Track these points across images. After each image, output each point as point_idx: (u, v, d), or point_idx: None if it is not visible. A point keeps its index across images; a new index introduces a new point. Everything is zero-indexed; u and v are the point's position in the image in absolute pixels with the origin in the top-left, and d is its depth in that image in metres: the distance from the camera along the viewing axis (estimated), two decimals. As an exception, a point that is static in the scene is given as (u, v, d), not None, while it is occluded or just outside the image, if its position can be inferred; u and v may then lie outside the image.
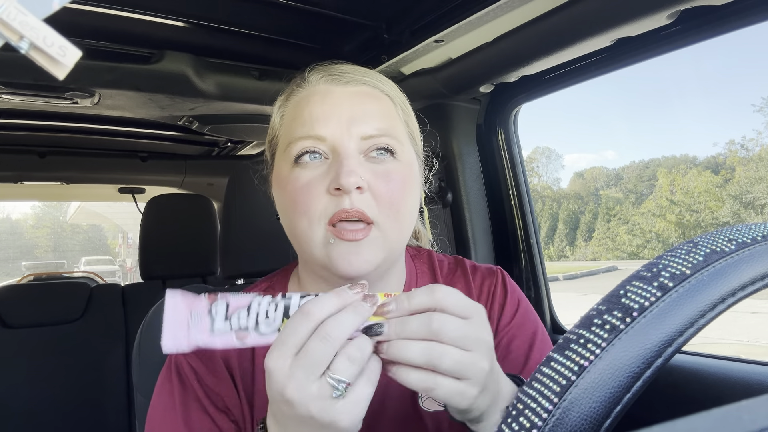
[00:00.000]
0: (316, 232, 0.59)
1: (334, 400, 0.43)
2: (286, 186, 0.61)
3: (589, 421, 0.27)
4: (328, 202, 0.58)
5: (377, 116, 0.62)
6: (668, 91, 52.85)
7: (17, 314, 1.80)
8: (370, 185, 0.59)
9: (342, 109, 0.61)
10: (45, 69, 0.28)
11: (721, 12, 0.88)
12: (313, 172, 0.59)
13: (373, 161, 0.61)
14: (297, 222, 0.60)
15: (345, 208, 0.57)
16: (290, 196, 0.60)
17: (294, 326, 0.44)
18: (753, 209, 22.28)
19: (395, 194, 0.60)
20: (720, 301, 0.29)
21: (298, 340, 0.44)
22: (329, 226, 0.58)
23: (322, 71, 0.66)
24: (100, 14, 1.07)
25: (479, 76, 1.22)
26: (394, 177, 0.61)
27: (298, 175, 0.60)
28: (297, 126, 0.62)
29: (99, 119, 1.71)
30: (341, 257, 0.57)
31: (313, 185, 0.59)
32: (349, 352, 0.44)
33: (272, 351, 0.44)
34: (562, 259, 29.17)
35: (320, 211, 0.58)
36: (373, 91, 0.65)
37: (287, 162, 0.62)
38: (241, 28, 1.20)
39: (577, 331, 0.30)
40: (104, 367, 1.84)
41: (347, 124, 0.60)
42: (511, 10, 0.95)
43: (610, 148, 60.36)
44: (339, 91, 0.63)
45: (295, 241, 0.64)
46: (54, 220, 42.02)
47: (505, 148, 1.40)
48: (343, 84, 0.64)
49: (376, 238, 0.59)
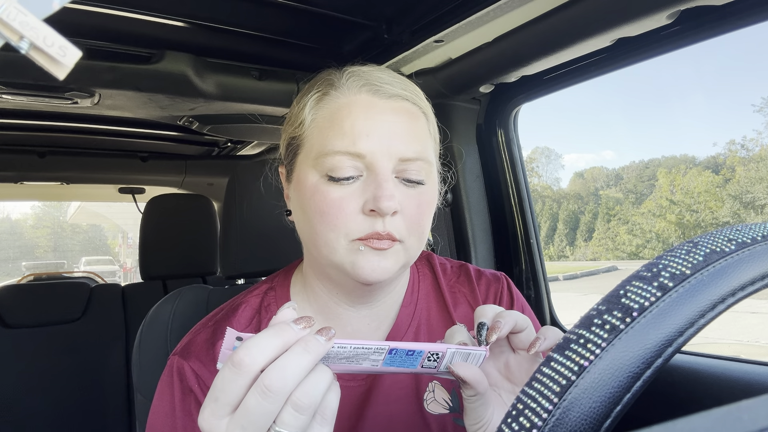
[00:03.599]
0: (342, 242, 0.59)
1: None
2: (314, 196, 0.60)
3: (589, 421, 0.27)
4: (362, 221, 0.58)
5: (415, 138, 0.62)
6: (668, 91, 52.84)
7: (17, 314, 1.80)
8: (402, 208, 0.59)
9: (383, 126, 0.60)
10: (45, 69, 0.28)
11: (721, 12, 0.87)
12: (347, 189, 0.59)
13: (406, 185, 0.61)
14: (322, 231, 0.59)
15: (378, 230, 0.57)
16: (318, 208, 0.59)
17: (224, 381, 0.37)
18: (753, 209, 22.29)
19: (423, 217, 0.62)
20: (720, 301, 0.29)
21: (231, 398, 0.37)
22: (356, 240, 0.58)
23: (362, 78, 0.63)
24: (100, 14, 1.07)
25: (479, 76, 1.22)
26: (423, 201, 0.62)
27: (329, 189, 0.59)
28: (335, 137, 0.59)
29: (99, 119, 1.71)
30: (366, 265, 0.58)
31: (346, 202, 0.58)
32: (297, 400, 0.37)
33: (204, 408, 0.38)
34: (562, 259, 29.16)
35: (352, 228, 0.58)
36: (412, 108, 0.64)
37: (317, 172, 0.60)
38: (241, 28, 1.20)
39: (577, 331, 0.30)
40: (104, 367, 1.84)
41: (387, 143, 0.59)
42: (511, 10, 0.95)
43: (608, 148, 60.37)
44: (381, 105, 0.61)
45: (312, 244, 0.63)
46: (54, 220, 42.02)
47: (505, 148, 1.40)
48: (386, 98, 0.62)
49: (398, 251, 0.60)
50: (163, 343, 0.93)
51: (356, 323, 0.69)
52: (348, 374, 0.66)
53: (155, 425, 0.63)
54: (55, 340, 1.81)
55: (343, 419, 0.64)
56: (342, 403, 0.65)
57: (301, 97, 0.67)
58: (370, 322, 0.70)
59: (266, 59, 1.34)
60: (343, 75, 0.64)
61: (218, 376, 0.38)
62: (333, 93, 0.63)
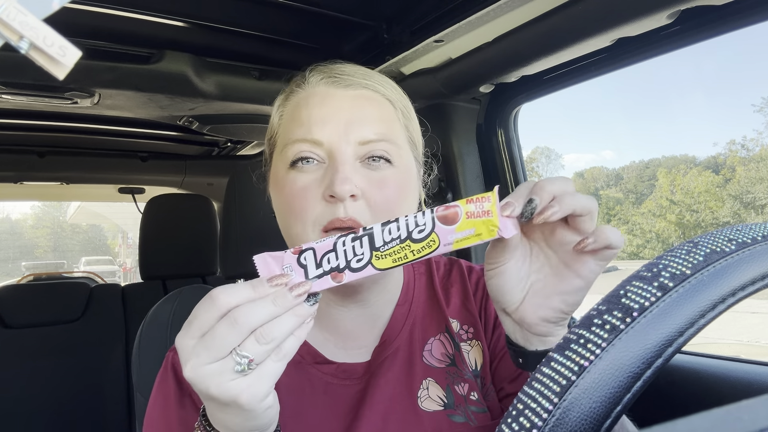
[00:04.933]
0: (311, 235, 0.59)
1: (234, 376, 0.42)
2: (283, 188, 0.62)
3: (589, 421, 0.27)
4: (323, 209, 0.58)
5: (376, 121, 0.62)
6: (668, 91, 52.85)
7: (17, 314, 1.80)
8: (365, 192, 0.59)
9: (340, 113, 0.61)
10: (45, 69, 0.28)
11: (721, 12, 0.87)
12: (309, 177, 0.60)
13: (369, 167, 0.61)
14: (292, 224, 0.61)
15: (339, 216, 0.57)
16: (286, 199, 0.61)
17: (200, 311, 0.44)
18: (753, 209, 22.30)
19: (390, 201, 0.60)
20: (720, 301, 0.29)
21: (203, 324, 0.43)
22: (323, 232, 0.58)
23: (323, 72, 0.66)
24: (100, 14, 1.07)
25: (479, 76, 1.22)
26: (390, 184, 0.61)
27: (294, 178, 0.60)
28: (295, 127, 0.62)
29: (99, 119, 1.71)
30: None
31: (309, 190, 0.59)
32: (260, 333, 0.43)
33: (182, 330, 0.44)
34: (562, 259, 29.09)
35: (315, 218, 0.59)
36: (373, 95, 0.65)
37: (284, 163, 0.62)
38: (241, 28, 1.20)
39: (577, 331, 0.30)
40: (104, 367, 1.84)
41: (345, 129, 0.60)
42: (511, 10, 0.95)
43: (608, 148, 60.40)
44: (339, 94, 0.63)
45: (289, 241, 0.64)
46: (54, 220, 42.03)
47: (505, 148, 1.40)
48: (343, 87, 0.64)
49: None
50: (163, 343, 0.93)
51: (349, 323, 0.69)
52: (344, 374, 0.66)
53: (152, 418, 0.63)
54: (55, 340, 1.81)
55: (339, 417, 0.64)
56: (338, 401, 0.65)
57: (275, 104, 0.70)
58: (363, 322, 0.69)
59: (266, 59, 1.34)
60: (306, 72, 0.67)
61: (196, 306, 0.44)
62: (296, 90, 0.66)
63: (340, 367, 0.67)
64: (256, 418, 0.45)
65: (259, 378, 0.43)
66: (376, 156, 0.61)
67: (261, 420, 0.45)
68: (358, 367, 0.67)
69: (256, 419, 0.45)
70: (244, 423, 0.45)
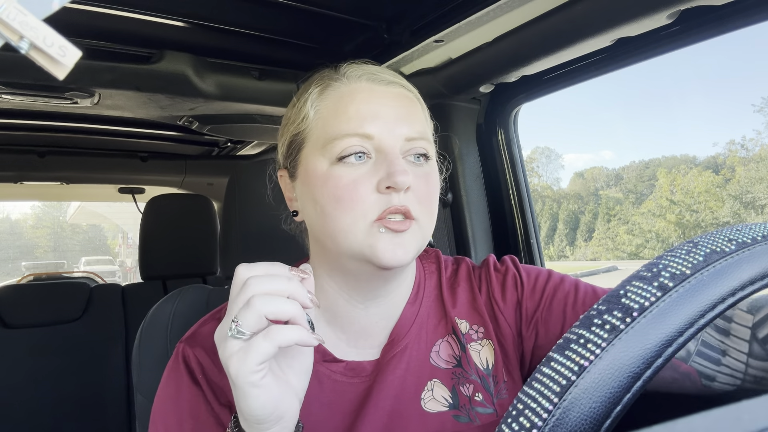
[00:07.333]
0: (360, 226, 0.60)
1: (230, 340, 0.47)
2: (326, 183, 0.61)
3: (589, 421, 0.27)
4: (375, 200, 0.60)
5: (416, 119, 0.65)
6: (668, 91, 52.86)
7: (17, 314, 1.80)
8: (413, 186, 0.61)
9: (387, 109, 0.63)
10: (45, 69, 0.28)
11: (721, 12, 0.87)
12: (359, 171, 0.60)
13: (413, 163, 0.63)
14: (339, 218, 0.60)
15: (395, 204, 0.59)
16: (332, 194, 0.60)
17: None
18: (753, 209, 22.30)
19: (432, 195, 0.64)
20: (720, 301, 0.29)
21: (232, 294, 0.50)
22: (374, 222, 0.60)
23: (360, 69, 0.66)
24: (100, 14, 1.07)
25: (479, 76, 1.22)
26: (431, 179, 0.64)
27: (341, 173, 0.60)
28: (341, 122, 0.62)
29: (99, 119, 1.71)
30: (387, 248, 0.60)
31: (360, 183, 0.60)
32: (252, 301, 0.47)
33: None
34: (562, 259, 29.17)
35: (368, 208, 0.60)
36: (408, 94, 0.68)
37: (326, 158, 0.62)
38: (241, 28, 1.20)
39: (577, 331, 0.30)
40: (104, 367, 1.84)
41: (393, 125, 0.62)
42: (511, 10, 0.95)
43: (607, 148, 60.40)
44: (382, 90, 0.65)
45: (327, 236, 0.63)
46: (54, 220, 42.03)
47: (505, 148, 1.40)
48: (384, 84, 0.65)
49: (415, 231, 0.62)
50: (163, 343, 0.93)
51: (364, 320, 0.69)
52: (352, 372, 0.67)
53: (160, 409, 0.64)
54: (55, 340, 1.81)
55: (344, 413, 0.65)
56: (344, 398, 0.66)
57: (300, 96, 0.68)
58: (378, 320, 0.70)
59: (266, 59, 1.34)
60: (341, 68, 0.67)
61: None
62: (334, 84, 0.65)
63: (348, 365, 0.67)
64: (246, 398, 0.48)
65: (246, 349, 0.47)
66: (418, 153, 0.63)
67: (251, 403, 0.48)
68: (366, 365, 0.68)
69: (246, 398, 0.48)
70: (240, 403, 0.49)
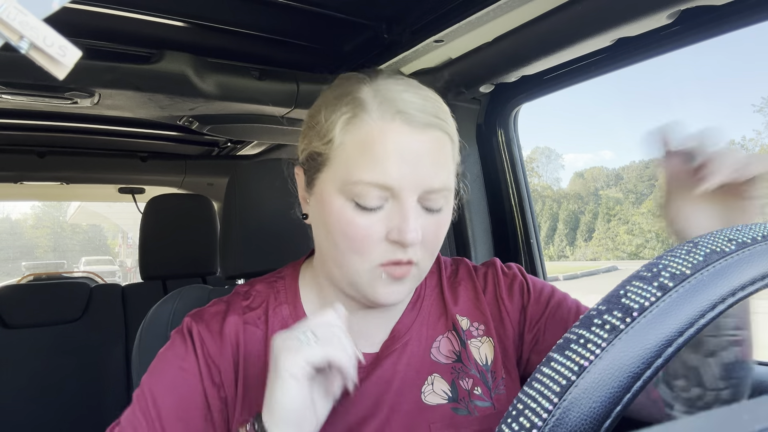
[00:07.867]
0: (366, 266, 0.62)
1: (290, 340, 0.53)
2: (340, 219, 0.61)
3: (589, 421, 0.27)
4: (385, 248, 0.61)
5: (443, 167, 0.63)
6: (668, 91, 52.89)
7: (17, 314, 1.80)
8: (422, 236, 0.61)
9: (414, 160, 0.59)
10: (45, 69, 0.28)
11: (721, 12, 0.87)
12: (372, 219, 0.60)
13: (427, 212, 0.63)
14: (346, 254, 0.62)
15: (400, 258, 0.61)
16: (344, 231, 0.61)
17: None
18: (753, 209, 22.23)
19: (438, 241, 0.65)
20: (720, 301, 0.29)
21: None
22: (379, 266, 0.61)
23: (394, 105, 0.60)
24: (100, 14, 1.07)
25: (479, 76, 1.22)
26: (441, 228, 0.65)
27: (356, 216, 0.60)
28: (365, 167, 0.59)
29: (99, 119, 1.71)
30: (385, 291, 0.63)
31: (372, 231, 0.60)
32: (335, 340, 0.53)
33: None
34: (562, 259, 29.16)
35: (376, 255, 0.61)
36: (442, 136, 0.64)
37: (344, 197, 0.60)
38: (241, 28, 1.20)
39: (577, 331, 0.30)
40: (104, 367, 1.84)
41: (415, 176, 0.59)
42: (511, 10, 0.95)
43: (607, 148, 60.42)
44: (414, 137, 0.60)
45: (332, 260, 0.65)
46: (54, 220, 42.03)
47: (505, 148, 1.40)
48: (420, 128, 0.60)
49: (414, 274, 0.64)
50: (163, 343, 0.93)
51: (362, 322, 0.70)
52: None
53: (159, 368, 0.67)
54: (55, 340, 1.81)
55: (342, 406, 0.65)
56: None
57: (329, 109, 0.64)
58: (381, 323, 0.72)
59: (266, 59, 1.34)
60: (373, 95, 0.61)
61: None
62: (363, 116, 0.60)
63: None
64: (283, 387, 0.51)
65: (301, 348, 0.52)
66: (435, 208, 0.63)
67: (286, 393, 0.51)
68: (365, 356, 0.69)
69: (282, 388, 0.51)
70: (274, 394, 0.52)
